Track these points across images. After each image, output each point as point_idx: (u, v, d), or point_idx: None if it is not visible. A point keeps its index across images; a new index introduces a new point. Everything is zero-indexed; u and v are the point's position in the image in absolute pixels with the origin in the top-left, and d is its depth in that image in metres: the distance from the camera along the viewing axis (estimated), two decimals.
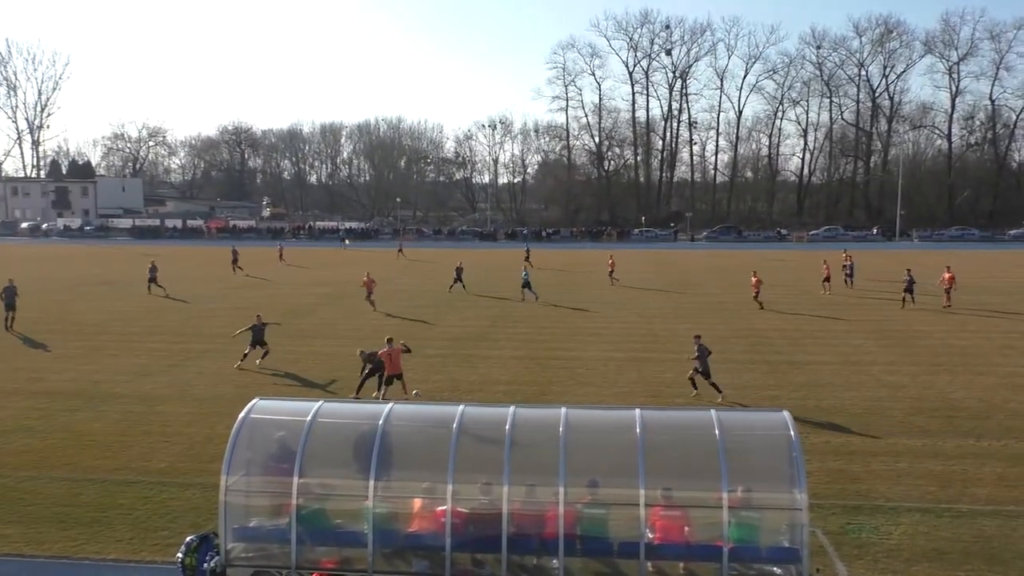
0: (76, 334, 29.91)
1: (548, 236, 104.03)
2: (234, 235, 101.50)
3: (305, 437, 10.66)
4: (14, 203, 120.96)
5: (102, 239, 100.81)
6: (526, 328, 31.53)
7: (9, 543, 12.36)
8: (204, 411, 19.51)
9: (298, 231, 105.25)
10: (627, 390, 21.43)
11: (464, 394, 20.51)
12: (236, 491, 10.61)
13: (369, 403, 12.45)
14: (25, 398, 20.66)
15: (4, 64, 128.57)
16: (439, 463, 10.28)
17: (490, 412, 11.77)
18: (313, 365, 24.66)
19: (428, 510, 10.37)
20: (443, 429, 10.68)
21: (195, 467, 15.55)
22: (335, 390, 21.26)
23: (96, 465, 15.75)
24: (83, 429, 18.08)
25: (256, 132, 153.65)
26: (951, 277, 36.06)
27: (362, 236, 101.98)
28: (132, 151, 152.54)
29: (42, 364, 24.80)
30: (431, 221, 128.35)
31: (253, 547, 10.66)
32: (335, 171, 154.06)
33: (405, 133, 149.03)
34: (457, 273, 43.09)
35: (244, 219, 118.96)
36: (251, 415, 11.09)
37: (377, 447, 10.45)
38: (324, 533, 10.63)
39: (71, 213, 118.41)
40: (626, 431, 10.40)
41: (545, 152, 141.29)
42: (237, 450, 10.72)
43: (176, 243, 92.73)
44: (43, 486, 14.66)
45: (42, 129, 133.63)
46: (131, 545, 12.30)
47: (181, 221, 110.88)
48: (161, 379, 22.86)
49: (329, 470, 11.18)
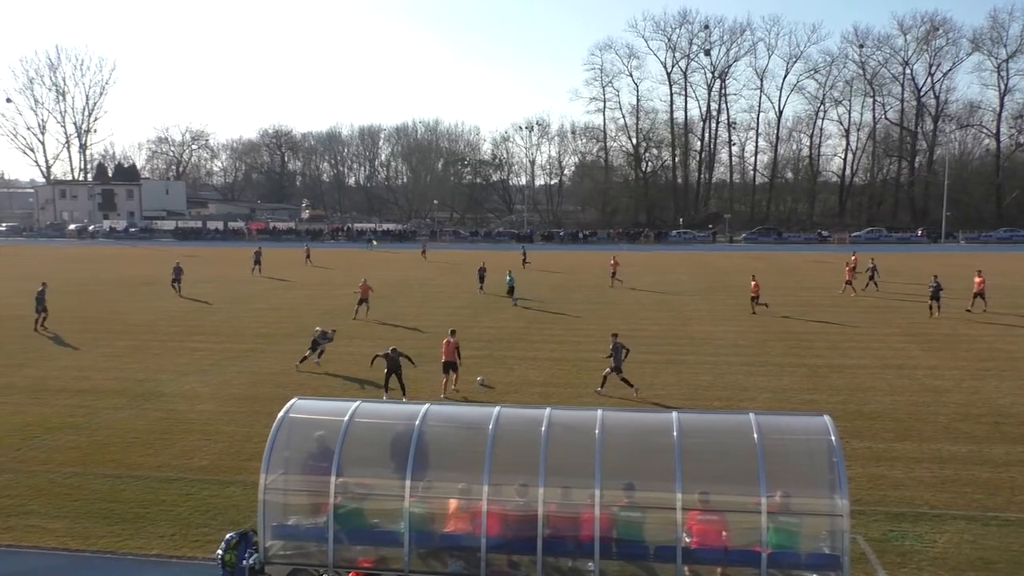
0: (121, 333, 30.54)
1: (585, 238, 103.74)
2: (274, 236, 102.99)
3: (342, 437, 10.75)
4: (62, 205, 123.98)
5: (146, 240, 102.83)
6: (562, 330, 31.46)
7: (56, 537, 12.65)
8: (244, 410, 19.79)
9: (336, 233, 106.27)
10: (663, 392, 21.26)
11: (500, 396, 20.54)
12: (275, 489, 10.73)
13: (406, 404, 12.51)
14: (71, 396, 21.14)
15: (54, 70, 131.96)
16: (475, 464, 10.29)
17: (526, 413, 11.77)
18: (351, 366, 24.88)
19: (464, 510, 10.38)
20: (479, 430, 10.70)
21: (235, 465, 15.78)
22: (372, 391, 21.40)
23: (139, 462, 16.06)
24: (127, 427, 18.45)
25: (296, 135, 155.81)
26: (981, 281, 34.91)
27: (398, 238, 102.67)
28: (175, 154, 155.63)
29: (88, 363, 25.36)
30: (467, 223, 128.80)
31: (291, 545, 10.78)
32: (373, 173, 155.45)
33: (442, 135, 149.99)
34: (480, 274, 43.25)
35: (283, 221, 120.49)
36: (290, 414, 11.21)
37: (413, 447, 10.50)
38: (361, 532, 10.70)
39: (116, 215, 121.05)
40: (663, 434, 10.32)
41: (582, 154, 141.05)
42: (276, 449, 10.84)
43: (217, 244, 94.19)
44: (88, 482, 14.98)
45: (89, 133, 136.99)
46: (173, 541, 12.51)
47: (222, 223, 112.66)
48: (202, 378, 23.24)
49: (366, 470, 11.25)
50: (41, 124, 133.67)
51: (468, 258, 68.39)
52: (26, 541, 12.53)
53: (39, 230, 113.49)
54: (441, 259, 67.03)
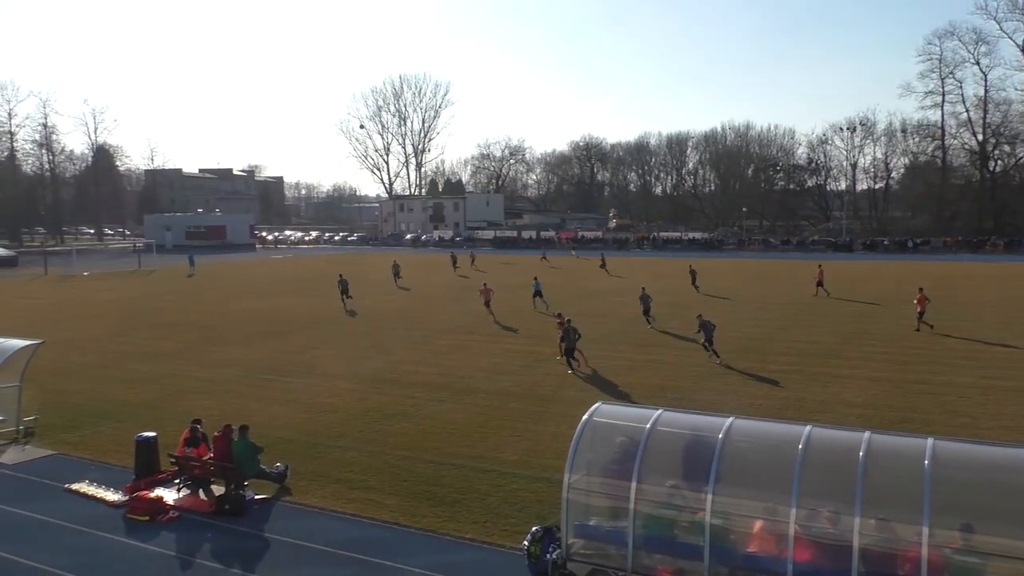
0: (447, 332, 33.53)
1: (915, 246, 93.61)
2: (582, 245, 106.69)
3: (644, 443, 10.77)
4: (401, 217, 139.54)
5: (468, 248, 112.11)
6: (886, 347, 28.66)
7: (389, 512, 14.20)
8: (550, 410, 20.69)
9: (642, 241, 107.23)
10: (1013, 424, 18.45)
11: (810, 414, 19.23)
12: (577, 489, 11.05)
13: (710, 416, 12.19)
14: (404, 387, 23.64)
15: (397, 98, 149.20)
16: (782, 484, 9.75)
17: (840, 436, 10.91)
18: (652, 373, 24.90)
19: (769, 532, 9.87)
20: (787, 449, 10.11)
21: (542, 462, 16.53)
22: (674, 400, 21.20)
23: (458, 452, 17.47)
24: (448, 419, 20.20)
25: (605, 146, 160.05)
26: None
27: (705, 246, 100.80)
28: (495, 169, 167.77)
29: (419, 358, 28.19)
30: (778, 231, 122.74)
31: (592, 545, 11.02)
32: (680, 182, 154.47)
33: (753, 140, 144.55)
34: (692, 276, 42.88)
35: (591, 230, 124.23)
36: (593, 418, 11.49)
37: (716, 461, 10.21)
38: (660, 541, 10.63)
39: (444, 225, 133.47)
40: (1011, 471, 8.93)
41: (914, 154, 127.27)
42: (579, 450, 11.17)
43: (531, 252, 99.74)
44: (415, 465, 16.62)
45: (424, 152, 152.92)
46: (485, 528, 13.42)
47: (535, 232, 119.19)
48: (513, 378, 24.71)
49: (667, 478, 11.16)
50: (386, 146, 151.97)
51: (778, 268, 65.15)
52: (365, 512, 14.22)
53: (382, 239, 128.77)
54: (746, 268, 64.56)
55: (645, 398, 21.49)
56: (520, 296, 44.00)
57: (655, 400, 21.07)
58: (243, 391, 23.41)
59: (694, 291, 46.78)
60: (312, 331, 34.54)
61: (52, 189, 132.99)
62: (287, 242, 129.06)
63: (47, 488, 15.84)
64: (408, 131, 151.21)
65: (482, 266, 67.85)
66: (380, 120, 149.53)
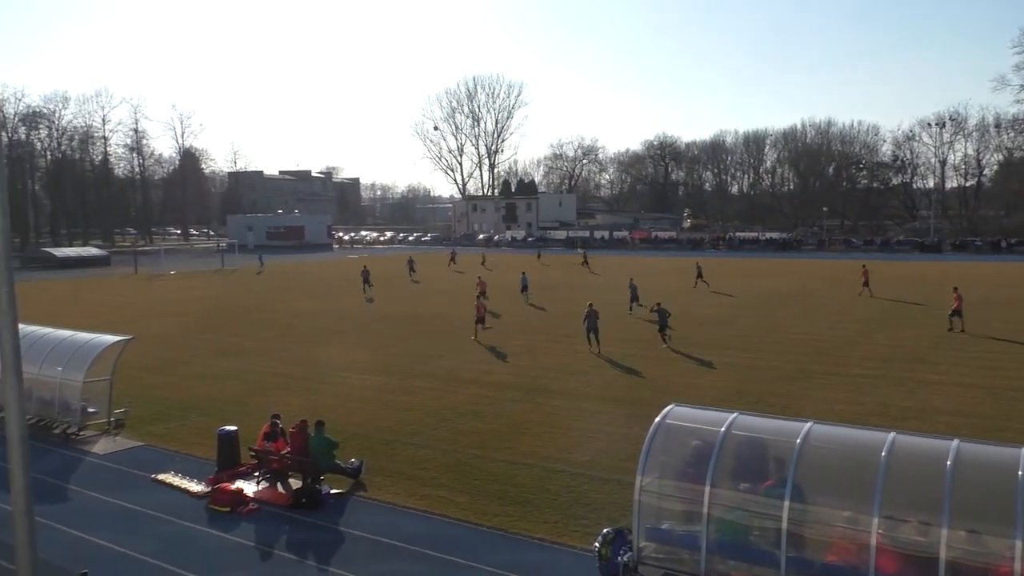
0: (519, 333, 33.56)
1: (1009, 247, 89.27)
2: (655, 246, 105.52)
3: (718, 447, 10.57)
4: (474, 218, 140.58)
5: (544, 249, 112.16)
6: (977, 351, 27.43)
7: (460, 509, 14.31)
8: (622, 412, 20.50)
9: (717, 242, 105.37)
10: None
11: (895, 421, 18.53)
12: (649, 492, 10.92)
13: (787, 420, 11.88)
14: (478, 387, 23.78)
15: (471, 99, 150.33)
16: (862, 493, 9.43)
17: (926, 444, 10.48)
18: (728, 375, 24.42)
19: (849, 541, 9.56)
20: (869, 456, 9.77)
21: (613, 464, 16.38)
22: (750, 403, 20.73)
23: (529, 451, 17.48)
24: (520, 418, 20.23)
25: (680, 145, 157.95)
26: None
27: (783, 247, 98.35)
28: (568, 169, 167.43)
29: (493, 358, 28.32)
30: (860, 231, 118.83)
31: (664, 549, 10.87)
32: (757, 181, 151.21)
33: (835, 137, 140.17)
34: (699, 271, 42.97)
35: (665, 230, 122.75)
36: (666, 420, 11.33)
37: (793, 467, 9.94)
38: (735, 547, 10.41)
39: (516, 226, 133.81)
40: None
41: (1008, 150, 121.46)
42: (652, 453, 11.03)
43: (603, 253, 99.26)
44: (486, 464, 16.70)
45: (497, 153, 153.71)
46: (555, 528, 13.38)
47: (607, 232, 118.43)
48: (585, 378, 24.58)
49: (741, 483, 10.92)
50: (459, 147, 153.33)
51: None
52: (436, 509, 14.36)
53: (455, 239, 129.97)
54: (825, 269, 62.70)
55: (719, 401, 21.07)
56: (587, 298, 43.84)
57: (730, 403, 20.62)
58: (319, 387, 23.95)
59: (704, 286, 48.66)
60: (385, 330, 35.09)
61: (142, 191, 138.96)
62: (363, 242, 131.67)
63: (135, 478, 16.52)
64: (481, 132, 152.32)
65: (492, 263, 67.68)
66: (454, 121, 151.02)
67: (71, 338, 21.11)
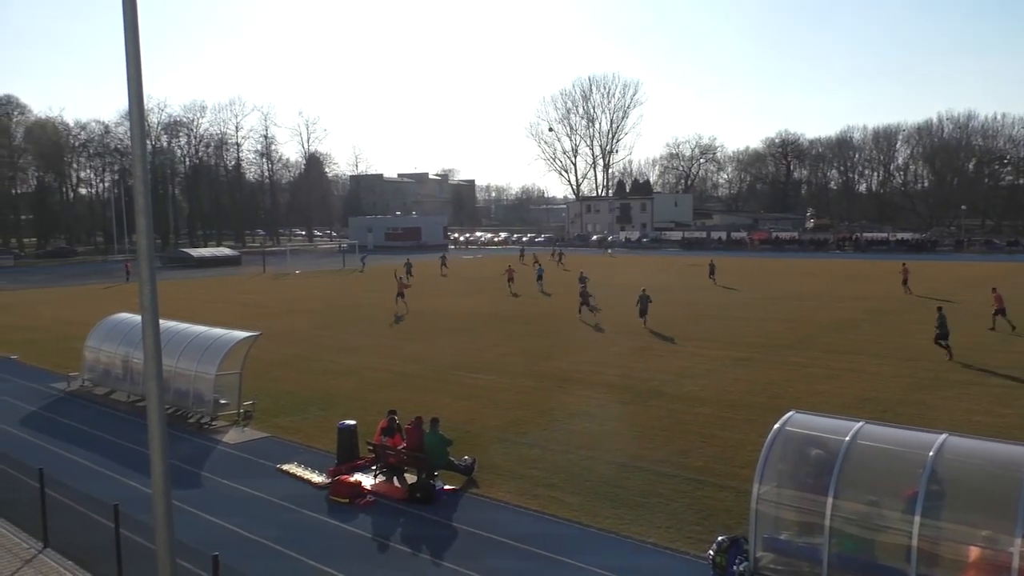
0: (629, 335, 33.21)
1: None
2: (776, 247, 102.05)
3: (842, 457, 10.11)
4: (587, 218, 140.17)
5: (655, 250, 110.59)
6: None
7: (571, 510, 14.27)
8: (738, 417, 19.92)
9: (843, 243, 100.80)
10: None
11: None
12: (767, 501, 10.56)
13: (918, 431, 11.23)
14: (587, 388, 23.67)
15: (586, 100, 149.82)
16: (1003, 510, 8.80)
17: None
18: (853, 382, 23.32)
19: (988, 562, 8.92)
20: (1011, 471, 9.10)
21: (728, 470, 15.95)
22: (875, 412, 19.71)
23: (641, 454, 17.24)
24: (632, 420, 19.99)
25: (803, 142, 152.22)
26: None
27: (915, 248, 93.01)
28: (684, 168, 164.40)
29: (602, 359, 28.12)
30: (1004, 231, 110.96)
31: (782, 560, 10.49)
32: (887, 178, 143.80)
33: (975, 132, 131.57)
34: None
35: (786, 231, 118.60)
36: (786, 427, 10.94)
37: (925, 481, 9.38)
38: (859, 562, 9.93)
39: (631, 227, 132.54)
40: None
41: None
42: (770, 461, 10.67)
43: (720, 254, 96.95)
44: (597, 466, 16.59)
45: (612, 153, 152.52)
46: (668, 533, 13.13)
47: (725, 233, 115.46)
48: (700, 382, 24.04)
49: (867, 496, 10.40)
50: (574, 148, 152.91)
51: (1003, 271, 58.89)
52: (548, 509, 14.37)
53: (568, 240, 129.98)
54: (963, 271, 58.87)
55: (843, 409, 20.13)
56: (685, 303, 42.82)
57: (855, 412, 19.68)
58: (433, 385, 24.45)
59: (711, 282, 52.68)
60: (495, 329, 35.46)
61: (271, 194, 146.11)
62: (477, 243, 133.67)
63: (261, 467, 17.36)
64: (596, 132, 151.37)
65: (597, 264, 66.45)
66: (569, 122, 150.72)
67: (205, 333, 22.40)
